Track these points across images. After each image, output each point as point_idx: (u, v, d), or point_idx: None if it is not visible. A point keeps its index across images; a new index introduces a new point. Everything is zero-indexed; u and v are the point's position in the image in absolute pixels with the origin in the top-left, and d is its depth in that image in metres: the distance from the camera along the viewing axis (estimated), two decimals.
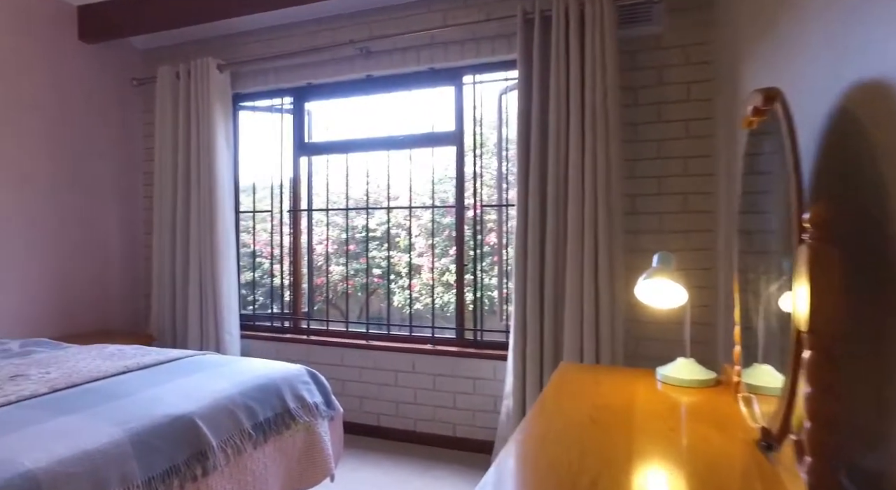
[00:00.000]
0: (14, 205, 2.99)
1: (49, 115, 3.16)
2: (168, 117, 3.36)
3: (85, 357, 2.15)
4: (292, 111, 3.42)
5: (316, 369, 3.16)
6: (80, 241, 3.35)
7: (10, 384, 1.78)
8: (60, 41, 3.22)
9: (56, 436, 1.38)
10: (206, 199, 3.23)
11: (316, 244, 4.04)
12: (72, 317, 3.29)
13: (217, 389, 1.80)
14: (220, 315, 3.20)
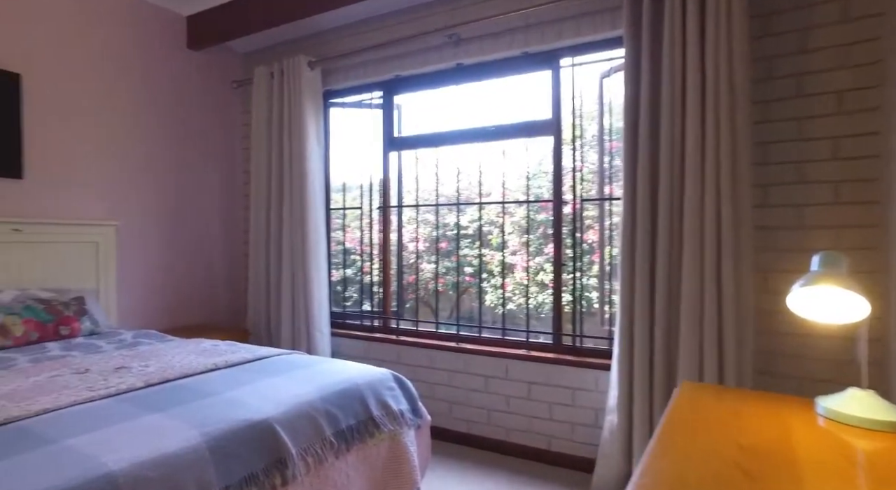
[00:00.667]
0: (136, 206, 3.18)
1: (161, 120, 3.34)
2: (263, 117, 3.43)
3: (181, 352, 2.19)
4: (381, 106, 3.35)
5: (406, 371, 3.11)
6: (189, 240, 3.52)
7: (114, 376, 1.83)
8: (171, 50, 3.39)
9: (140, 435, 1.35)
10: (297, 197, 3.25)
11: (407, 242, 3.97)
12: (181, 310, 3.47)
13: (298, 394, 1.72)
14: (311, 312, 3.21)
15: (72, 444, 1.28)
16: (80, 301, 2.60)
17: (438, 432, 2.96)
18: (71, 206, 2.90)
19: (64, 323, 2.46)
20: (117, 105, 3.11)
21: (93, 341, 2.41)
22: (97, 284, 2.94)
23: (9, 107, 2.63)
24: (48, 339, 2.39)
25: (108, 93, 3.07)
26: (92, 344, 2.36)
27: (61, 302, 2.53)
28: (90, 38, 2.98)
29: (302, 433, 1.62)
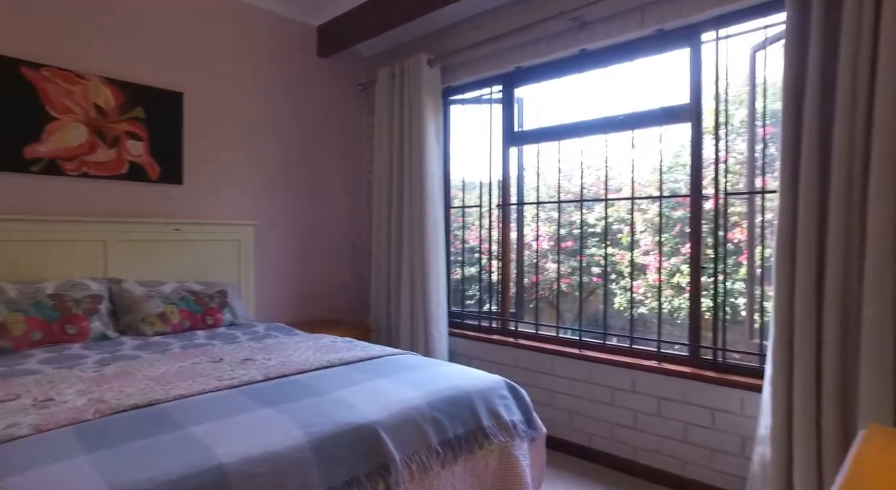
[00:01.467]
0: (272, 207, 3.45)
1: (294, 126, 3.57)
2: (385, 117, 3.50)
3: (301, 347, 2.28)
4: (501, 100, 3.23)
5: (524, 376, 2.98)
6: (318, 238, 3.72)
7: (240, 368, 1.95)
8: (303, 59, 3.61)
9: (251, 429, 1.39)
10: (416, 195, 3.26)
11: (529, 240, 3.82)
12: (310, 305, 3.69)
13: (405, 398, 1.68)
14: (429, 311, 3.21)
15: (194, 432, 1.36)
16: (223, 294, 2.86)
17: (557, 443, 2.79)
18: (219, 208, 3.21)
19: (209, 313, 2.72)
20: (257, 114, 3.38)
21: (231, 332, 2.63)
22: (238, 279, 3.23)
23: (174, 123, 2.97)
24: (197, 328, 2.66)
25: (250, 104, 3.34)
26: (230, 334, 2.57)
27: (208, 294, 2.80)
28: (237, 55, 3.27)
29: (407, 440, 1.57)
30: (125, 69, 2.82)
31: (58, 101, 2.59)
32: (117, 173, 2.78)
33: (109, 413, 1.48)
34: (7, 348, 2.13)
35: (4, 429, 1.33)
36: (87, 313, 2.38)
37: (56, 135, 2.59)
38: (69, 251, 2.62)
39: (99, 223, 2.70)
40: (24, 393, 1.62)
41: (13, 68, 2.47)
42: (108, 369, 1.90)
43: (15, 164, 2.48)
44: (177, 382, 1.75)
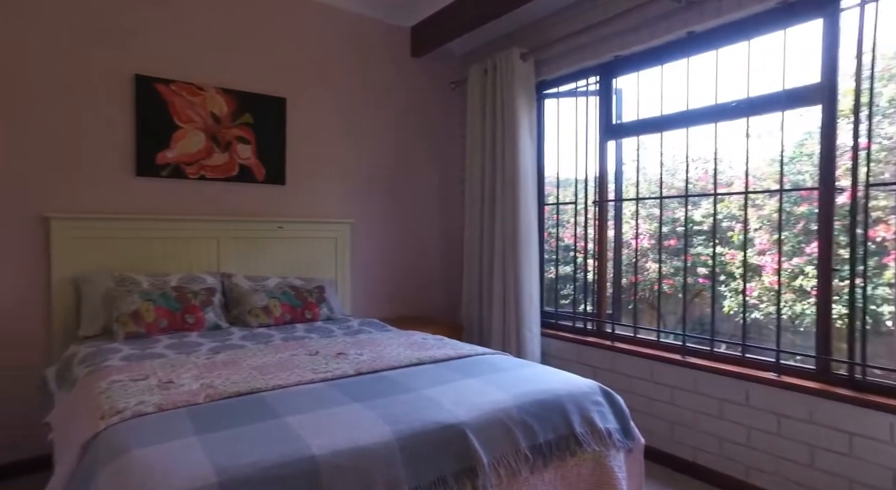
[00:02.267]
0: (367, 205, 3.56)
1: (389, 126, 3.65)
2: (477, 113, 3.47)
3: (393, 343, 2.32)
4: (597, 91, 3.08)
5: (621, 381, 2.82)
6: (412, 236, 3.79)
7: (334, 361, 2.02)
8: (397, 60, 3.68)
9: (341, 423, 1.42)
10: (509, 192, 3.20)
11: (629, 238, 3.61)
12: (402, 301, 3.76)
13: (494, 400, 1.63)
14: (521, 310, 3.14)
15: (288, 422, 1.42)
16: (320, 289, 2.99)
17: (656, 455, 2.61)
18: (318, 207, 3.37)
19: (308, 308, 2.85)
20: (354, 115, 3.50)
21: (328, 326, 2.74)
22: (335, 275, 3.36)
23: (278, 127, 3.16)
24: (297, 321, 2.80)
25: (347, 106, 3.47)
26: (327, 328, 2.68)
27: (307, 289, 2.94)
28: (334, 60, 3.41)
29: (495, 442, 1.53)
30: (236, 79, 3.04)
31: (182, 112, 2.85)
32: (229, 175, 3.01)
33: (217, 398, 1.59)
34: (140, 333, 2.37)
35: (135, 405, 1.48)
36: (203, 305, 2.59)
37: (181, 142, 2.85)
38: (189, 247, 2.88)
39: (213, 222, 2.94)
40: (151, 374, 1.79)
41: (150, 85, 2.76)
42: (219, 357, 2.05)
43: (150, 169, 2.77)
44: (276, 373, 1.84)
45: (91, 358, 2.05)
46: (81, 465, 1.32)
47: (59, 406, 1.85)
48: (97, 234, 2.63)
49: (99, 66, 2.66)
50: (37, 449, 2.51)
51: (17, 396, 2.49)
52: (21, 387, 2.50)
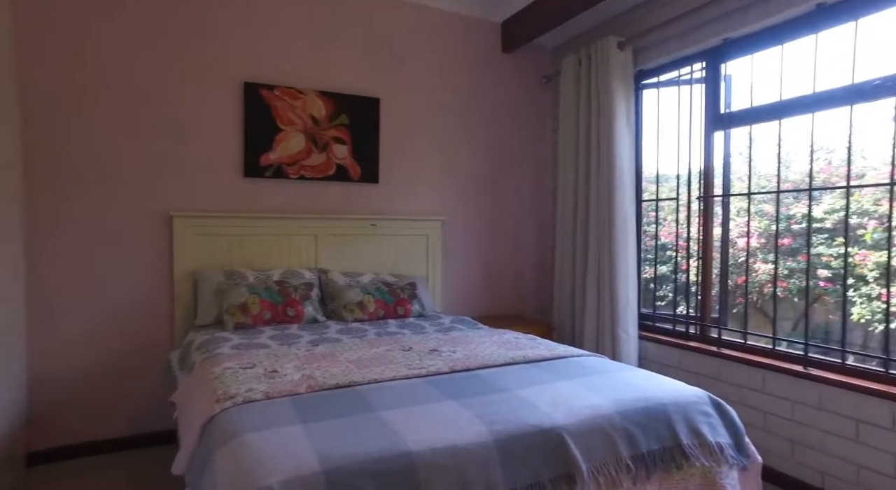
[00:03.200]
0: (458, 203, 3.57)
1: (479, 123, 3.63)
2: (570, 107, 3.36)
3: (486, 341, 2.30)
4: (703, 79, 2.86)
5: (728, 391, 2.60)
6: (502, 234, 3.75)
7: (427, 358, 2.03)
8: (488, 57, 3.65)
9: (437, 420, 1.42)
10: (604, 188, 3.07)
11: (736, 237, 3.35)
12: (492, 300, 3.73)
13: (593, 405, 1.56)
14: (617, 311, 2.99)
15: (384, 416, 1.43)
16: (412, 286, 3.04)
17: (774, 476, 2.38)
18: (409, 204, 3.42)
19: (400, 304, 2.91)
20: (444, 113, 3.52)
21: (420, 322, 2.77)
22: (426, 272, 3.40)
23: (372, 127, 3.25)
24: (389, 317, 2.86)
25: (438, 104, 3.49)
26: (419, 325, 2.71)
27: (399, 286, 3.00)
28: (426, 59, 3.44)
29: (594, 449, 1.46)
30: (333, 81, 3.16)
31: (284, 115, 3.01)
32: (326, 175, 3.13)
33: (318, 389, 1.65)
34: (247, 324, 2.53)
35: (245, 392, 1.57)
36: (302, 299, 2.72)
37: (282, 144, 3.01)
38: (289, 244, 3.04)
39: (311, 219, 3.08)
40: (257, 363, 1.90)
41: (255, 91, 2.94)
42: (318, 349, 2.13)
43: (255, 170, 2.96)
44: (372, 367, 1.88)
45: (206, 345, 2.22)
46: (201, 444, 1.42)
47: (181, 387, 2.01)
48: (210, 232, 2.85)
49: (214, 77, 2.87)
50: (163, 422, 2.77)
51: (147, 375, 2.76)
52: (151, 367, 2.76)
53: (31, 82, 2.51)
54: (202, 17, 2.84)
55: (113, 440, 2.71)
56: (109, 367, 2.70)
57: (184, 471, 1.48)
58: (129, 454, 2.68)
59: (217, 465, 1.25)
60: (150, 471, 2.50)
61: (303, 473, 1.15)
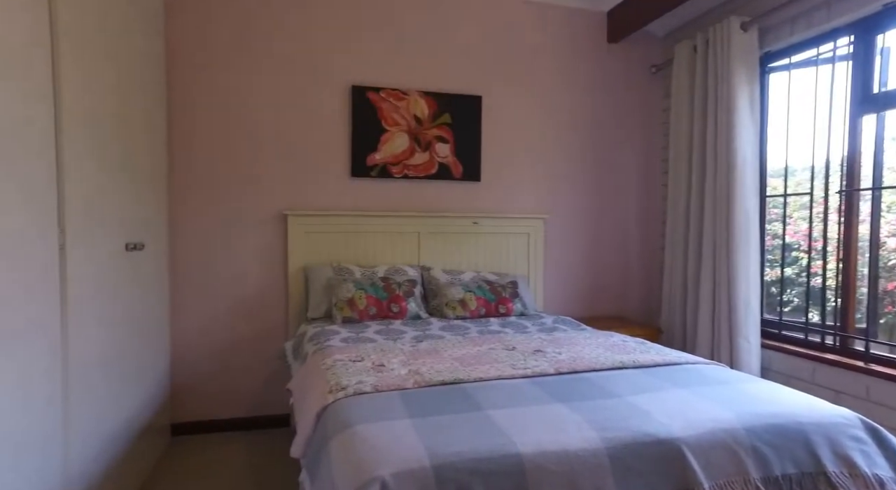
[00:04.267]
0: (560, 200, 3.48)
1: (583, 118, 3.51)
2: (684, 97, 3.13)
3: (591, 343, 2.20)
4: (849, 56, 2.53)
5: (880, 415, 2.27)
6: (606, 232, 3.59)
7: (532, 358, 1.98)
8: (592, 48, 3.51)
9: (544, 423, 1.37)
10: (722, 183, 2.83)
11: (886, 236, 2.94)
12: (595, 300, 3.59)
13: (715, 417, 1.43)
14: (736, 316, 2.74)
15: (492, 416, 1.42)
16: (514, 285, 3.00)
17: None
18: (511, 203, 3.38)
19: (502, 303, 2.88)
20: (547, 108, 3.43)
21: (521, 321, 2.73)
22: (527, 271, 3.34)
23: (474, 125, 3.26)
24: (491, 315, 2.85)
25: (540, 99, 3.42)
26: (520, 324, 2.67)
27: (501, 284, 2.97)
28: (527, 52, 3.38)
29: (718, 467, 1.33)
30: (436, 81, 3.20)
31: (389, 116, 3.10)
32: (429, 173, 3.19)
33: (424, 385, 1.67)
34: (354, 319, 2.64)
35: (356, 384, 1.63)
36: (405, 295, 2.78)
37: (387, 144, 3.11)
38: (393, 241, 3.12)
39: (414, 217, 3.15)
40: (365, 357, 1.97)
41: (363, 94, 3.06)
42: (422, 346, 2.17)
43: (362, 170, 3.08)
44: (476, 365, 1.88)
45: (317, 337, 2.34)
46: (317, 431, 1.50)
47: (296, 376, 2.14)
48: (320, 229, 3.01)
49: (325, 81, 3.03)
50: (278, 407, 2.98)
51: (265, 361, 2.98)
52: (268, 354, 2.98)
53: (174, 97, 2.81)
54: (313, 29, 3.01)
55: (235, 419, 2.95)
56: (234, 353, 2.95)
57: (301, 454, 1.56)
58: (248, 434, 2.91)
59: (333, 453, 1.30)
60: (268, 451, 2.69)
61: (412, 467, 1.17)
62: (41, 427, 1.47)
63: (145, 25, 2.40)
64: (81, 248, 1.71)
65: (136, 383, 2.27)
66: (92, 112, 1.79)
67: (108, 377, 1.94)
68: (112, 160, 1.99)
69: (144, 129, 2.38)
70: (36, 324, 1.45)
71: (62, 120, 1.58)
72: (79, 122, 1.69)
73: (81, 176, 1.71)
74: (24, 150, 1.38)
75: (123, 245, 2.08)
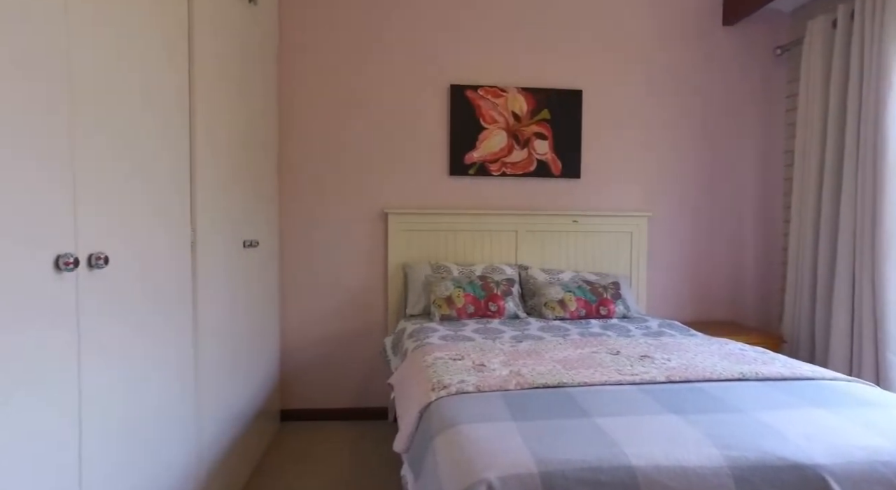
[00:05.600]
0: (666, 197, 3.27)
1: (691, 109, 3.27)
2: (818, 78, 2.81)
3: (704, 351, 2.04)
4: None
5: None
6: (718, 230, 3.33)
7: (639, 364, 1.88)
8: (704, 34, 3.26)
9: (658, 435, 1.29)
10: (866, 175, 2.50)
11: None
12: (704, 304, 3.34)
13: (865, 445, 1.25)
14: (883, 328, 2.42)
15: (600, 423, 1.35)
16: (616, 286, 2.86)
17: None
18: (613, 200, 3.24)
19: (603, 304, 2.76)
20: (651, 102, 3.24)
21: (624, 324, 2.60)
22: (630, 271, 3.18)
23: (574, 120, 3.16)
24: (591, 317, 2.74)
25: (643, 92, 3.23)
26: (623, 327, 2.54)
27: (602, 285, 2.85)
28: (632, 41, 3.21)
29: None
30: (534, 77, 3.13)
31: (487, 114, 3.09)
32: (527, 171, 3.13)
33: (527, 387, 1.63)
34: (452, 316, 2.66)
35: (458, 383, 1.63)
36: (503, 294, 2.76)
37: (485, 142, 3.10)
38: (490, 239, 3.11)
39: (512, 215, 3.11)
40: (465, 355, 1.97)
41: (461, 93, 3.07)
42: (521, 346, 2.13)
43: (460, 169, 3.09)
44: (579, 369, 1.81)
45: (416, 334, 2.38)
46: (420, 428, 1.52)
47: (397, 372, 2.19)
48: (418, 227, 3.06)
49: (426, 82, 3.08)
50: (377, 399, 3.08)
51: (365, 355, 3.10)
52: (368, 348, 3.09)
53: (283, 103, 2.99)
54: (416, 30, 3.06)
55: (337, 410, 3.09)
56: (337, 346, 3.09)
57: (403, 449, 1.59)
58: (349, 424, 3.04)
59: (438, 451, 1.31)
60: (368, 441, 2.79)
61: (519, 472, 1.14)
62: (182, 403, 1.62)
63: (263, 52, 2.57)
64: (208, 244, 1.86)
65: (252, 370, 2.45)
66: (213, 130, 1.95)
67: (228, 362, 2.10)
68: (231, 165, 2.15)
69: (259, 139, 2.55)
70: (178, 308, 1.60)
71: (195, 145, 1.73)
72: (203, 139, 1.84)
73: (206, 182, 1.86)
74: (175, 166, 1.53)
75: (241, 242, 2.25)
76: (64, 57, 1.07)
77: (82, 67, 1.13)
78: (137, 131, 1.38)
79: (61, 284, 1.06)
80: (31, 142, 0.98)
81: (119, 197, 1.29)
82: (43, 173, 1.02)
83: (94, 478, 1.18)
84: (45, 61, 1.02)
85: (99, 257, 1.16)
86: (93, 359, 1.17)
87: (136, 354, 1.37)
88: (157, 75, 1.48)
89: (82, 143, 1.14)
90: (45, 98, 1.02)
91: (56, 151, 1.05)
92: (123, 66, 1.30)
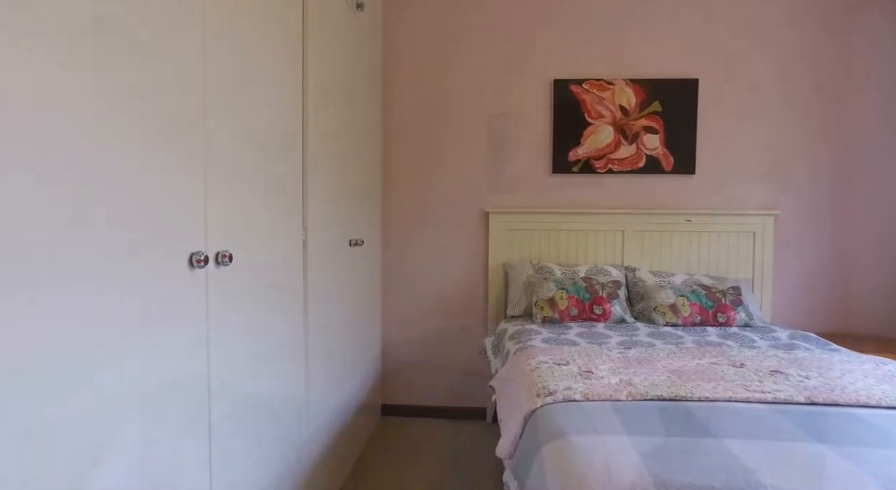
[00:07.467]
0: (796, 194, 2.94)
1: (819, 94, 2.90)
2: None
3: (852, 370, 1.78)
4: None
5: None
6: (857, 227, 2.93)
7: (769, 380, 1.68)
8: (841, 5, 2.87)
9: (805, 468, 1.13)
10: None
11: None
12: (846, 313, 2.95)
13: None
14: None
15: (728, 446, 1.22)
16: (736, 291, 2.61)
17: None
18: (732, 198, 2.96)
19: (721, 311, 2.53)
20: (779, 88, 2.91)
21: (747, 334, 2.36)
22: (752, 275, 2.89)
23: (688, 112, 2.93)
24: (707, 324, 2.52)
25: (772, 75, 2.92)
26: (746, 337, 2.31)
27: (720, 290, 2.61)
28: (757, 22, 2.91)
29: None
30: (643, 67, 2.94)
31: (592, 109, 2.95)
32: (635, 167, 2.95)
33: (639, 398, 1.52)
34: (554, 319, 2.57)
35: (564, 390, 1.56)
36: (609, 297, 2.62)
37: (590, 138, 2.96)
38: (595, 240, 2.97)
39: (619, 214, 2.94)
40: (570, 360, 1.88)
41: (565, 88, 2.96)
42: (630, 353, 2.00)
43: (563, 166, 2.99)
44: (698, 381, 1.65)
45: (518, 336, 2.32)
46: (525, 434, 1.46)
47: (499, 374, 2.14)
48: (520, 227, 2.99)
49: (528, 78, 3.00)
50: (474, 399, 3.06)
51: (463, 354, 3.09)
52: (466, 347, 3.08)
53: (387, 103, 3.06)
54: (517, 25, 3.00)
55: (436, 407, 3.11)
56: (436, 345, 3.11)
57: (507, 456, 1.55)
58: (447, 422, 3.04)
59: (546, 462, 1.25)
60: (466, 440, 2.78)
61: None
62: (293, 395, 1.70)
63: (370, 58, 2.65)
64: (317, 242, 1.94)
65: (357, 364, 2.53)
66: (324, 136, 2.02)
67: (336, 356, 2.18)
68: (339, 168, 2.23)
69: (364, 141, 2.63)
70: (291, 303, 1.68)
71: (307, 150, 1.81)
72: (314, 144, 1.92)
73: (317, 184, 1.93)
74: (290, 171, 1.61)
75: (348, 241, 2.33)
76: (200, 80, 1.15)
77: (218, 82, 1.21)
78: (260, 140, 1.46)
79: (194, 280, 1.14)
80: (177, 151, 1.07)
81: (241, 199, 1.37)
82: (181, 174, 1.10)
83: (223, 461, 1.26)
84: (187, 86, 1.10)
85: (224, 255, 1.23)
86: (219, 351, 1.25)
87: (255, 347, 1.45)
88: (277, 80, 1.56)
89: (214, 156, 1.22)
90: (195, 107, 1.10)
91: (195, 163, 1.14)
92: (250, 75, 1.38)
